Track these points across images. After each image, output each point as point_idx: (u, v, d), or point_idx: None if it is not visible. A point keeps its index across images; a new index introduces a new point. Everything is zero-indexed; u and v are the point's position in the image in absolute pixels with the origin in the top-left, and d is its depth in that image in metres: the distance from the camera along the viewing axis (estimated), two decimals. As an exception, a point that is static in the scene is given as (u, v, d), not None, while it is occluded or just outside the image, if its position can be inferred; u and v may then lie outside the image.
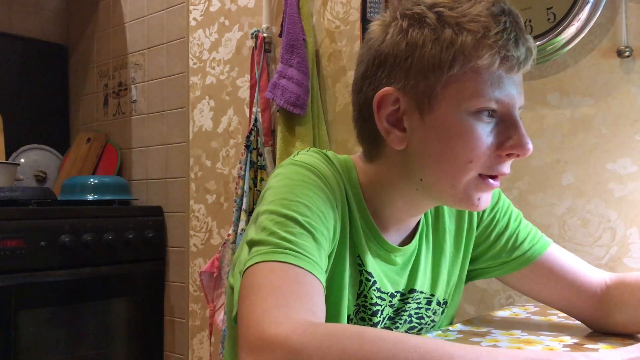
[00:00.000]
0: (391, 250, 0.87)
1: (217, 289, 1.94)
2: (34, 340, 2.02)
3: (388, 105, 0.78)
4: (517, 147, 0.75)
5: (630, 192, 1.29)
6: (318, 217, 0.73)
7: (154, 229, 2.37)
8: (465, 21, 0.73)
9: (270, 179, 0.80)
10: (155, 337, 2.40)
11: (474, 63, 0.73)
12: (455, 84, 0.74)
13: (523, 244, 0.94)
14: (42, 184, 2.67)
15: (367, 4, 1.70)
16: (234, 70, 2.16)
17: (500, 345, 0.84)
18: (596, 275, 0.94)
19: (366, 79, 0.81)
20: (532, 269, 0.94)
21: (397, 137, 0.78)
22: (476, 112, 0.74)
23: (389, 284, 0.88)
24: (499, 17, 0.73)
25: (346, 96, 1.83)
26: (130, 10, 2.62)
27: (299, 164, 0.79)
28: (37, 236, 2.00)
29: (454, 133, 0.75)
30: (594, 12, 1.29)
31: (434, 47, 0.74)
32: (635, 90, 1.28)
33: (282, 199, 0.73)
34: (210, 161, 2.25)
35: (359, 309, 0.86)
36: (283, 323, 0.57)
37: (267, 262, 0.65)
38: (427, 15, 0.75)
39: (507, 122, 0.76)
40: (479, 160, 0.75)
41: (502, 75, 0.74)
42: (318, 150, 0.85)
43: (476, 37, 0.72)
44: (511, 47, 0.73)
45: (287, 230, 0.69)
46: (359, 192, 0.85)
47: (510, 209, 0.98)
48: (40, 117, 2.84)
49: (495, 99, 0.74)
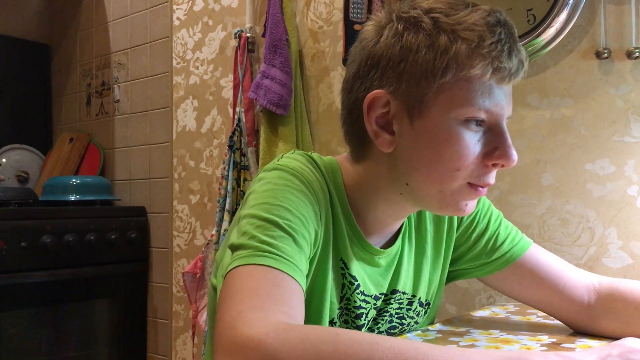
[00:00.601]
0: (374, 252, 0.87)
1: (200, 290, 1.94)
2: (16, 342, 2.00)
3: (378, 108, 0.78)
4: (503, 157, 0.75)
5: (608, 192, 1.30)
6: (300, 221, 0.72)
7: (137, 230, 2.35)
8: (461, 29, 0.73)
9: (254, 183, 0.80)
10: (139, 339, 2.38)
11: (466, 72, 0.73)
12: (446, 92, 0.74)
13: (503, 245, 0.94)
14: (24, 184, 2.64)
15: (349, 4, 1.71)
16: (218, 70, 2.16)
17: (479, 344, 0.85)
18: (582, 278, 0.93)
19: (357, 79, 0.81)
20: (513, 270, 0.94)
21: (385, 139, 0.78)
22: (465, 121, 0.74)
23: (373, 286, 0.88)
24: (494, 28, 0.73)
25: (329, 96, 1.83)
26: (113, 9, 2.61)
27: (282, 169, 0.79)
28: (18, 237, 1.98)
29: (443, 140, 0.75)
30: (573, 13, 1.31)
31: (428, 53, 0.74)
32: (614, 91, 1.30)
33: (263, 203, 0.73)
34: (193, 161, 2.24)
35: (343, 312, 0.86)
36: (257, 325, 0.56)
37: (247, 265, 0.65)
38: (423, 20, 0.75)
39: (494, 132, 0.76)
40: (466, 169, 0.75)
41: (492, 86, 0.74)
42: (303, 153, 0.85)
43: (470, 46, 0.72)
44: (504, 59, 0.73)
45: (268, 234, 0.68)
46: (343, 195, 0.85)
47: (490, 210, 0.98)
48: (23, 117, 2.81)
49: (484, 109, 0.74)
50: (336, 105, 1.81)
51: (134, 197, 2.49)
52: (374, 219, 0.86)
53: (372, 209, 0.85)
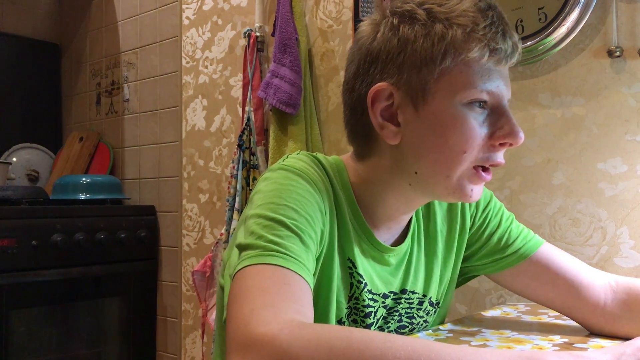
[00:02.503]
0: (384, 250, 0.87)
1: (209, 289, 1.94)
2: (26, 340, 2.01)
3: (382, 100, 0.79)
4: (509, 135, 0.77)
5: (620, 191, 1.29)
6: (306, 220, 0.73)
7: (147, 229, 2.36)
8: (455, 16, 0.76)
9: (259, 183, 0.80)
10: (148, 337, 2.39)
11: (464, 56, 0.75)
12: (447, 77, 0.76)
13: (515, 241, 0.95)
14: (34, 183, 2.66)
15: (359, 3, 1.70)
16: (227, 70, 2.16)
17: (490, 344, 0.85)
18: (599, 278, 0.92)
19: (358, 77, 0.82)
20: (527, 266, 0.94)
21: (391, 131, 0.79)
22: (469, 104, 0.76)
23: (382, 284, 0.88)
24: (486, 12, 0.76)
25: (339, 95, 1.82)
26: (123, 8, 2.62)
27: (288, 169, 0.80)
28: (28, 235, 1.99)
29: (449, 124, 0.76)
30: (585, 12, 1.30)
31: (426, 42, 0.76)
32: (626, 90, 1.29)
33: (269, 203, 0.73)
34: (203, 160, 2.24)
35: (351, 311, 0.86)
36: (271, 322, 0.57)
37: (255, 265, 0.65)
38: (417, 12, 0.77)
39: (497, 113, 0.78)
40: (473, 151, 0.77)
41: (491, 68, 0.76)
42: (308, 154, 0.86)
43: (466, 31, 0.75)
44: (499, 40, 0.76)
45: (275, 234, 0.69)
46: (350, 193, 0.85)
47: (502, 210, 0.99)
48: (33, 116, 2.83)
49: (486, 91, 0.76)
50: (346, 104, 1.81)
51: (144, 196, 2.50)
52: (383, 214, 0.87)
53: (381, 203, 0.86)
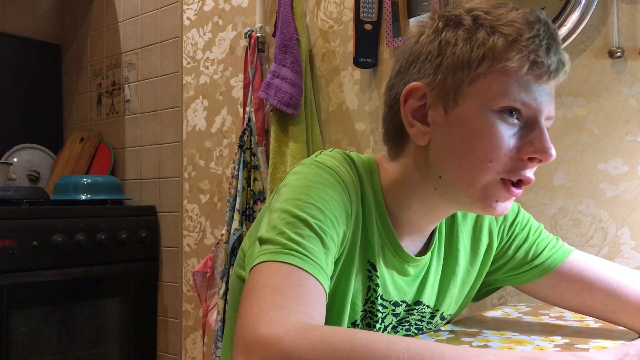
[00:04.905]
0: (406, 258, 0.86)
1: (210, 289, 1.94)
2: (26, 340, 2.01)
3: (415, 99, 0.79)
4: (539, 151, 0.74)
5: (621, 192, 1.29)
6: (330, 222, 0.72)
7: (147, 229, 2.36)
8: (500, 24, 0.74)
9: (289, 176, 0.79)
10: (149, 337, 2.39)
11: (502, 64, 0.73)
12: (481, 81, 0.74)
13: (542, 253, 0.93)
14: (35, 183, 2.66)
15: (360, 4, 1.70)
16: (228, 70, 2.16)
17: (491, 345, 0.85)
18: (638, 277, 0.91)
19: (399, 75, 0.82)
20: (560, 276, 0.92)
21: (420, 131, 0.79)
22: (500, 112, 0.74)
23: (396, 292, 0.87)
24: (533, 24, 0.74)
25: (340, 96, 1.83)
26: (123, 9, 2.62)
27: (320, 165, 0.79)
28: (29, 236, 1.99)
29: (476, 130, 0.75)
30: (586, 13, 1.30)
31: (466, 46, 0.75)
32: (627, 90, 1.29)
33: (296, 199, 0.72)
34: (203, 161, 2.24)
35: (366, 314, 0.85)
36: (277, 324, 0.57)
37: (272, 262, 0.65)
38: (464, 17, 0.76)
39: (531, 127, 0.75)
40: (499, 161, 0.74)
41: (530, 81, 0.74)
42: (341, 152, 0.84)
43: (507, 40, 0.73)
44: (542, 54, 0.73)
45: (297, 232, 0.68)
46: (380, 196, 0.84)
47: (530, 223, 0.97)
48: (34, 117, 2.82)
49: (520, 101, 0.73)
50: (346, 105, 1.81)
51: (144, 197, 2.50)
52: (407, 220, 0.85)
53: (405, 208, 0.85)
